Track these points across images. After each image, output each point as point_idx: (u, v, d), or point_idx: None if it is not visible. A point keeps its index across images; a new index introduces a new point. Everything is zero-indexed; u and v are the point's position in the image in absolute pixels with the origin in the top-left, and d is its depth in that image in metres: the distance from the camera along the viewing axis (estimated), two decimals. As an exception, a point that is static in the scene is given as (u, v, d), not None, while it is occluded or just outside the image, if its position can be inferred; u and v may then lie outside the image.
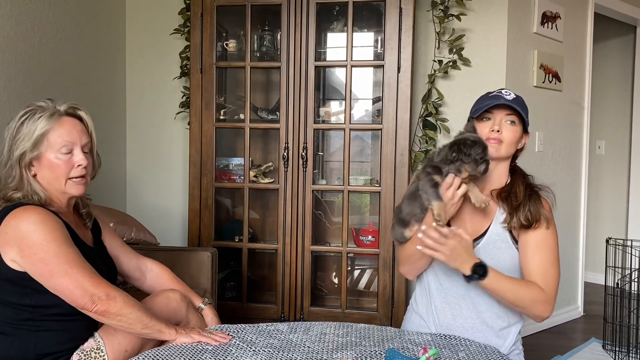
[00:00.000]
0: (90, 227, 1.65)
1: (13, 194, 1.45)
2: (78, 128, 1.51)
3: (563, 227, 3.51)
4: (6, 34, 2.35)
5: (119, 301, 1.38)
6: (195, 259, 2.39)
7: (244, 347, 1.45)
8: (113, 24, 3.21)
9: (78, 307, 1.37)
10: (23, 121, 1.46)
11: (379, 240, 2.74)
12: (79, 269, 1.37)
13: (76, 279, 1.36)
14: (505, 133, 1.57)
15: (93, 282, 1.38)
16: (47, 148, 1.45)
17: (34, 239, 1.36)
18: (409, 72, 2.64)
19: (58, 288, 1.37)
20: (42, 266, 1.36)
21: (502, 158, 1.59)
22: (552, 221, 1.57)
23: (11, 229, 1.38)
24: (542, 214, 1.53)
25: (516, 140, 1.59)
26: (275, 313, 2.79)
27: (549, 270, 1.53)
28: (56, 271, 1.36)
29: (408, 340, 1.52)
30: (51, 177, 1.47)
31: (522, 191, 1.56)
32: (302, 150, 2.73)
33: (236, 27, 3.02)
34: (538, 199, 1.56)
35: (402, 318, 2.61)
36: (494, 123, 1.57)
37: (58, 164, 1.46)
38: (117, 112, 3.28)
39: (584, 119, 3.71)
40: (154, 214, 3.24)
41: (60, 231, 1.40)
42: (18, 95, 2.40)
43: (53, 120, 1.46)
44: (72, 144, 1.48)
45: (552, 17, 3.32)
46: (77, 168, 1.49)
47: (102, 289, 1.38)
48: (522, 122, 1.59)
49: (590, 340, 3.23)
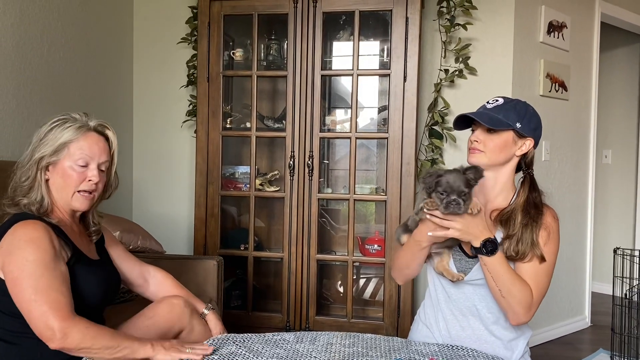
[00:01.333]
0: (94, 241, 1.65)
1: (20, 200, 1.47)
2: (100, 145, 1.54)
3: (570, 237, 3.50)
4: (15, 43, 2.37)
5: (76, 337, 1.32)
6: (201, 267, 2.39)
7: (250, 357, 1.44)
8: (121, 33, 3.24)
9: (42, 340, 1.33)
10: (53, 127, 1.50)
11: (385, 249, 2.73)
12: (45, 298, 1.32)
13: (40, 308, 1.32)
14: (486, 142, 1.54)
15: (55, 314, 1.32)
16: (66, 156, 1.48)
17: (15, 256, 1.36)
18: (415, 81, 2.64)
19: (27, 315, 1.34)
20: (12, 285, 1.36)
21: (491, 166, 1.55)
22: (554, 235, 1.53)
23: (6, 243, 1.40)
24: (535, 246, 1.49)
25: (499, 148, 1.54)
26: (281, 322, 2.78)
27: (541, 278, 1.50)
28: (22, 295, 1.33)
29: (415, 351, 1.51)
30: (61, 185, 1.49)
31: (520, 219, 1.51)
32: (308, 159, 2.73)
33: (243, 36, 3.04)
34: (535, 227, 1.51)
35: (408, 328, 2.60)
36: (475, 133, 1.57)
37: (71, 174, 1.49)
38: (124, 120, 3.29)
39: (590, 128, 3.70)
40: (159, 222, 3.25)
41: (45, 252, 1.37)
42: (26, 103, 2.42)
43: (79, 133, 1.50)
44: (89, 159, 1.51)
45: (558, 26, 3.32)
46: (87, 182, 1.50)
47: (60, 323, 1.31)
48: (512, 128, 1.53)
49: (598, 351, 3.20)
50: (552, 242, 1.53)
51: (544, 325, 3.36)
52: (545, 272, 1.51)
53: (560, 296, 3.48)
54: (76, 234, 1.55)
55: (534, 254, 1.49)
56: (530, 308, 1.48)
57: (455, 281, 1.54)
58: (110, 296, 1.65)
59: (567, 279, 3.51)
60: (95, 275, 1.52)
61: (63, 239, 1.47)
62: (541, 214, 1.53)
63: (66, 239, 1.48)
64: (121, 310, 1.97)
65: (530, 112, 1.58)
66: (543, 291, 1.50)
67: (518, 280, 1.47)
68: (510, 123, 1.53)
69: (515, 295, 1.46)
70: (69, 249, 1.47)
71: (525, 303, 1.47)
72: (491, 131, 1.54)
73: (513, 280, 1.47)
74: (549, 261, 1.51)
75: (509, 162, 1.58)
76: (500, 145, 1.54)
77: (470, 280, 1.55)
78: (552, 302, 3.40)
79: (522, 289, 1.47)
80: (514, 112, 1.55)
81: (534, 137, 1.58)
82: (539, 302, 1.50)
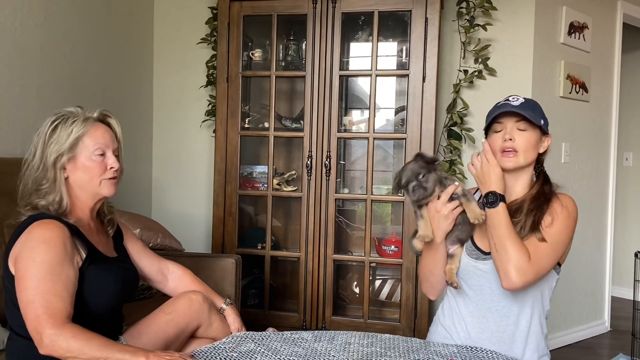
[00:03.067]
0: (112, 235, 1.66)
1: (39, 201, 1.48)
2: (109, 133, 1.56)
3: (589, 240, 3.46)
4: (39, 44, 2.41)
5: (62, 345, 1.30)
6: (219, 265, 2.41)
7: (269, 355, 1.45)
8: (141, 34, 3.27)
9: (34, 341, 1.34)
10: (56, 126, 1.49)
11: (402, 250, 2.72)
12: (43, 301, 1.33)
13: (35, 311, 1.32)
14: (519, 140, 1.53)
15: (46, 319, 1.31)
16: (82, 150, 1.50)
17: (26, 254, 1.38)
18: (434, 82, 2.63)
19: (24, 314, 1.35)
20: (17, 283, 1.37)
21: (523, 167, 1.56)
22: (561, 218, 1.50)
23: (21, 242, 1.41)
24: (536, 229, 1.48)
25: (532, 146, 1.54)
26: (297, 321, 2.79)
27: (540, 251, 1.46)
28: (23, 294, 1.35)
29: (434, 352, 1.51)
30: (85, 179, 1.51)
31: (528, 205, 1.52)
32: (325, 159, 2.74)
33: (262, 36, 3.05)
34: (540, 214, 1.50)
35: (425, 329, 2.60)
36: (505, 132, 1.54)
37: (92, 166, 1.50)
38: (144, 119, 3.33)
39: (611, 130, 3.65)
40: (178, 221, 3.28)
41: (54, 254, 1.38)
42: (49, 103, 2.45)
43: (87, 125, 1.51)
44: (105, 147, 1.52)
45: (579, 27, 3.29)
46: (109, 170, 1.53)
47: (48, 330, 1.31)
48: (538, 125, 1.54)
49: (618, 356, 3.15)
50: (558, 224, 1.49)
51: (562, 329, 3.32)
52: (546, 250, 1.47)
53: (579, 300, 3.43)
54: (94, 232, 1.57)
55: (533, 235, 1.48)
56: (523, 273, 1.43)
57: (455, 287, 1.57)
58: (129, 293, 1.66)
59: (586, 283, 3.47)
60: (112, 273, 1.54)
61: (79, 239, 1.48)
62: (548, 202, 1.53)
63: (83, 238, 1.49)
64: (141, 307, 1.99)
65: (542, 111, 1.59)
66: (541, 261, 1.46)
67: (515, 238, 1.45)
68: (538, 120, 1.54)
69: (508, 251, 1.43)
70: (85, 248, 1.48)
71: (517, 265, 1.42)
72: (522, 130, 1.54)
73: (509, 235, 1.44)
74: (550, 241, 1.47)
75: (534, 161, 1.58)
76: (533, 143, 1.54)
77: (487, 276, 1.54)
78: (571, 305, 3.36)
79: (517, 248, 1.44)
80: (537, 109, 1.56)
81: (550, 135, 1.59)
82: (535, 272, 1.45)
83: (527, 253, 1.45)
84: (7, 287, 1.44)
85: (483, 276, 1.56)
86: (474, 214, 1.49)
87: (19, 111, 2.31)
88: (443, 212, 1.51)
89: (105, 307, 1.52)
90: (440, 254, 1.57)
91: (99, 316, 1.50)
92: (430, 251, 1.59)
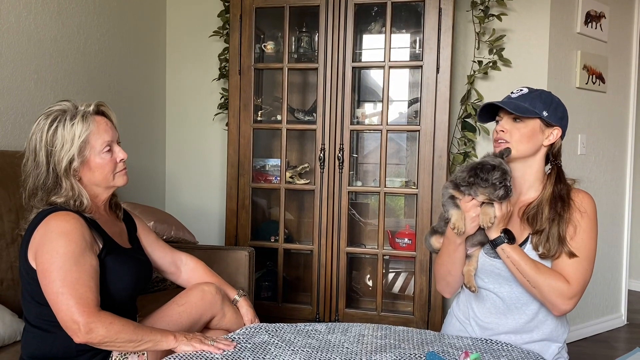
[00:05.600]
0: (122, 218, 1.67)
1: (55, 199, 1.47)
2: (108, 125, 1.54)
3: (606, 234, 3.41)
4: (53, 37, 2.42)
5: (100, 332, 1.33)
6: (232, 258, 2.41)
7: (283, 347, 1.45)
8: (154, 27, 3.28)
9: (68, 333, 1.35)
10: (55, 127, 1.46)
11: (415, 243, 2.71)
12: (72, 292, 1.34)
13: (66, 302, 1.33)
14: (511, 131, 1.52)
15: (81, 309, 1.33)
16: (90, 151, 1.48)
17: (47, 247, 1.38)
18: (448, 73, 2.60)
19: (53, 306, 1.37)
20: (42, 277, 1.38)
21: (518, 157, 1.53)
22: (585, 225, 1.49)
23: (39, 234, 1.41)
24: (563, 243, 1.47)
25: (526, 137, 1.51)
26: (310, 314, 2.79)
27: (576, 268, 1.45)
28: (51, 287, 1.35)
29: (448, 344, 1.50)
30: (99, 177, 1.51)
31: (546, 213, 1.49)
32: (338, 152, 2.73)
33: (274, 28, 3.04)
34: (562, 222, 1.48)
35: (439, 322, 2.59)
36: (498, 124, 1.55)
37: (103, 165, 1.50)
38: (157, 112, 3.34)
39: (629, 121, 3.59)
40: (191, 213, 3.29)
41: (76, 245, 1.39)
42: (63, 95, 2.47)
43: (88, 122, 1.48)
44: (110, 141, 1.52)
45: (596, 16, 3.23)
46: (119, 163, 1.54)
47: (85, 319, 1.33)
48: (539, 117, 1.51)
49: (635, 350, 3.09)
50: (582, 233, 1.48)
51: (578, 323, 3.29)
52: (582, 266, 1.46)
53: (595, 293, 3.40)
54: (109, 223, 1.57)
55: (562, 251, 1.47)
56: (568, 297, 1.44)
57: (473, 291, 1.55)
58: (143, 284, 1.66)
59: (602, 276, 3.43)
60: (127, 264, 1.54)
61: (96, 230, 1.49)
62: (568, 207, 1.50)
63: (99, 229, 1.50)
64: (154, 299, 2.00)
65: (556, 102, 1.55)
66: (581, 280, 1.46)
67: (540, 270, 1.45)
68: (537, 111, 1.51)
69: (541, 287, 1.44)
70: (101, 239, 1.49)
71: (559, 292, 1.43)
72: (517, 120, 1.52)
73: (533, 268, 1.45)
74: (582, 255, 1.47)
75: (537, 153, 1.55)
76: (527, 134, 1.52)
77: (504, 275, 1.53)
78: (587, 298, 3.33)
79: (549, 278, 1.44)
80: (539, 100, 1.53)
81: (561, 126, 1.55)
82: (579, 291, 1.46)
83: (561, 278, 1.45)
84: (26, 279, 1.45)
85: (500, 274, 1.54)
86: (483, 218, 1.47)
87: (34, 104, 2.32)
88: (471, 214, 1.48)
89: (120, 297, 1.52)
90: (460, 253, 1.55)
91: (114, 307, 1.51)
92: (448, 250, 1.56)
